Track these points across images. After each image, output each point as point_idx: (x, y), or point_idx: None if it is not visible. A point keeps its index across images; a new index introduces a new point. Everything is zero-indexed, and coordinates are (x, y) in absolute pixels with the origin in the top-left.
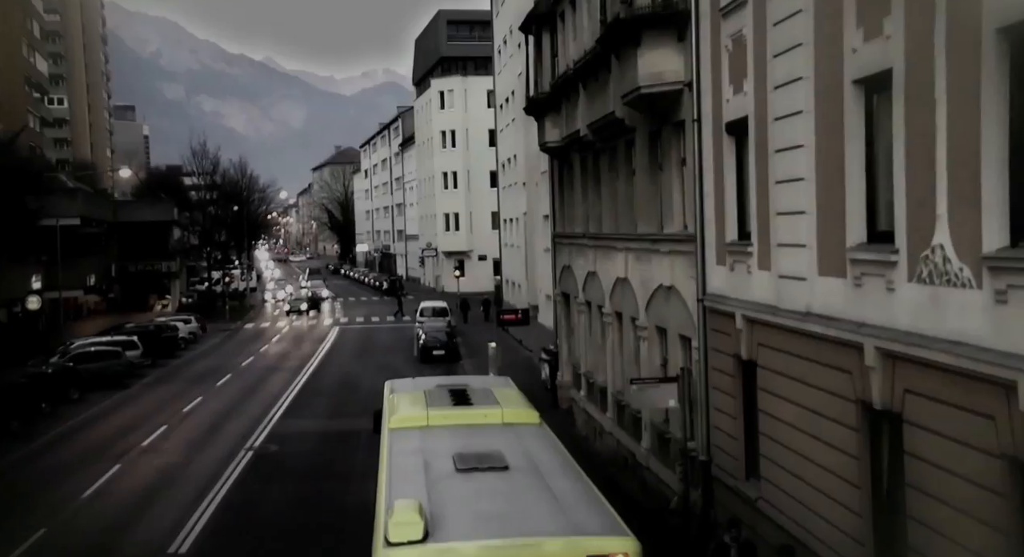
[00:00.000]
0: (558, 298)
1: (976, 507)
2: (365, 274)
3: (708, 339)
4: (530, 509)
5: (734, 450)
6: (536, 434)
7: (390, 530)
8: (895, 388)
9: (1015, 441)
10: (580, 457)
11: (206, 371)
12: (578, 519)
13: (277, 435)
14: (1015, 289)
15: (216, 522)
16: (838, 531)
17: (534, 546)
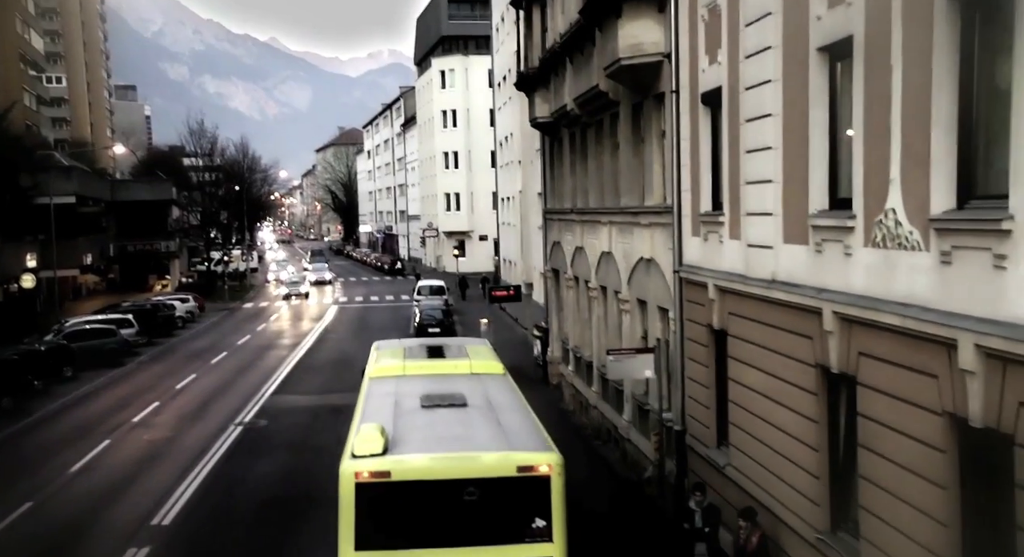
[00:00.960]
0: (548, 274)
1: (920, 464)
2: (367, 255)
3: (684, 310)
4: (477, 434)
5: (706, 419)
6: (498, 381)
7: (355, 445)
8: (850, 351)
9: (955, 399)
10: (566, 430)
11: (202, 349)
12: (515, 442)
13: (268, 410)
14: (959, 250)
15: (200, 495)
16: (797, 493)
17: (473, 459)
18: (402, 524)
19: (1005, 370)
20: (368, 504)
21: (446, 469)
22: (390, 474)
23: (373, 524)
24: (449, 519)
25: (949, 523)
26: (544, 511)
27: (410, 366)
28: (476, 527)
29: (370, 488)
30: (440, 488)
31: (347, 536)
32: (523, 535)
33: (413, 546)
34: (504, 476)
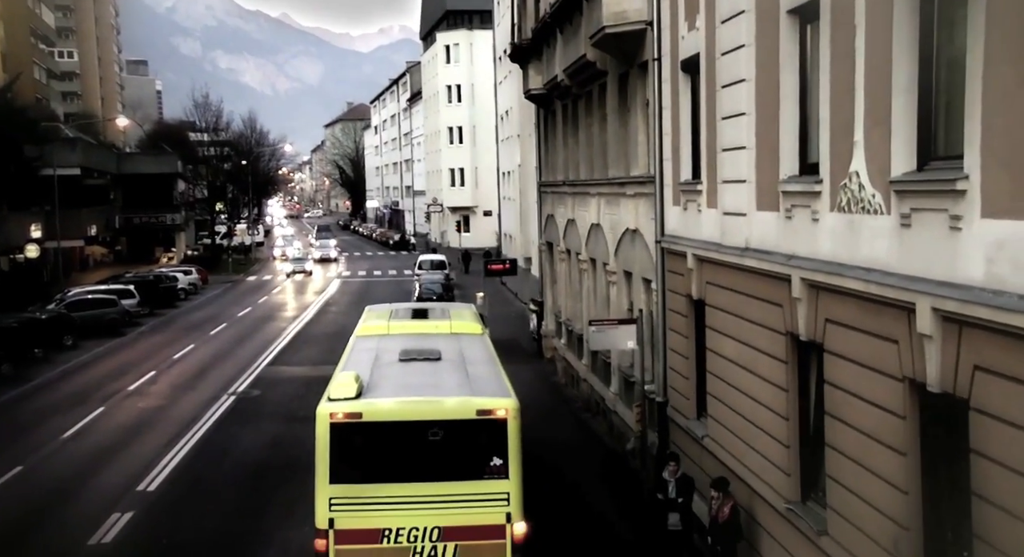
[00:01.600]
0: (543, 247)
1: (882, 431)
2: (373, 230)
3: (666, 280)
4: (445, 383)
5: (687, 390)
6: (475, 340)
7: (331, 390)
8: (818, 318)
9: (915, 364)
10: (558, 403)
11: (202, 320)
12: (478, 389)
13: (262, 380)
14: (918, 212)
15: (187, 462)
16: (769, 464)
17: (436, 402)
18: (373, 460)
19: (960, 333)
20: (342, 442)
21: (412, 412)
22: (361, 415)
23: (346, 460)
24: (415, 457)
25: (909, 490)
26: (501, 451)
27: (394, 326)
28: (440, 464)
29: (343, 428)
30: (407, 429)
31: (323, 471)
32: (482, 472)
33: (383, 480)
34: (465, 419)
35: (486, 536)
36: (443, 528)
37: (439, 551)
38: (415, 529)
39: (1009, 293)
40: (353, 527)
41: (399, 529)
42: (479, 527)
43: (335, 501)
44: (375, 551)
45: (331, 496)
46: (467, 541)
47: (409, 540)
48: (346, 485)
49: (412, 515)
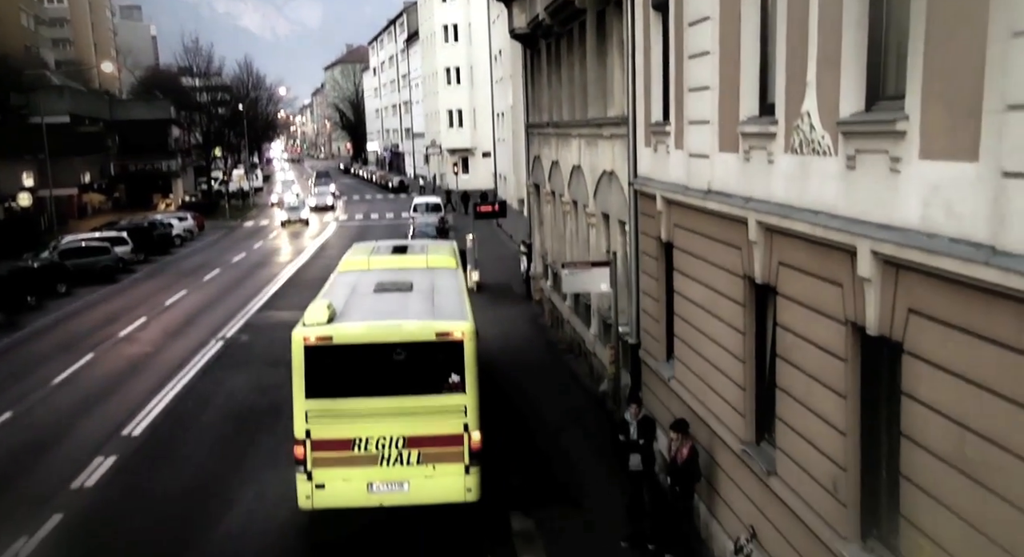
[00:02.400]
0: (531, 189)
1: (825, 374)
2: (372, 173)
3: (638, 223)
4: (411, 310)
5: (657, 332)
6: (447, 273)
7: (306, 316)
8: (772, 261)
9: (856, 307)
10: (542, 345)
11: (196, 266)
12: (440, 315)
13: (251, 326)
14: (863, 154)
15: (171, 407)
16: (728, 405)
17: (400, 326)
18: (343, 378)
19: (897, 277)
20: (315, 362)
21: (378, 334)
22: (332, 338)
23: (320, 378)
24: (382, 374)
25: (848, 431)
26: (459, 368)
27: (374, 261)
28: (404, 381)
29: (316, 350)
30: (373, 350)
31: (299, 387)
32: (441, 387)
33: (353, 395)
34: (425, 340)
35: (446, 444)
36: (407, 437)
37: (404, 457)
38: (382, 438)
39: (941, 236)
40: (327, 437)
41: (368, 438)
42: (440, 436)
43: (311, 414)
44: (347, 458)
45: (307, 409)
46: (429, 448)
47: (377, 447)
48: (320, 400)
49: (380, 425)
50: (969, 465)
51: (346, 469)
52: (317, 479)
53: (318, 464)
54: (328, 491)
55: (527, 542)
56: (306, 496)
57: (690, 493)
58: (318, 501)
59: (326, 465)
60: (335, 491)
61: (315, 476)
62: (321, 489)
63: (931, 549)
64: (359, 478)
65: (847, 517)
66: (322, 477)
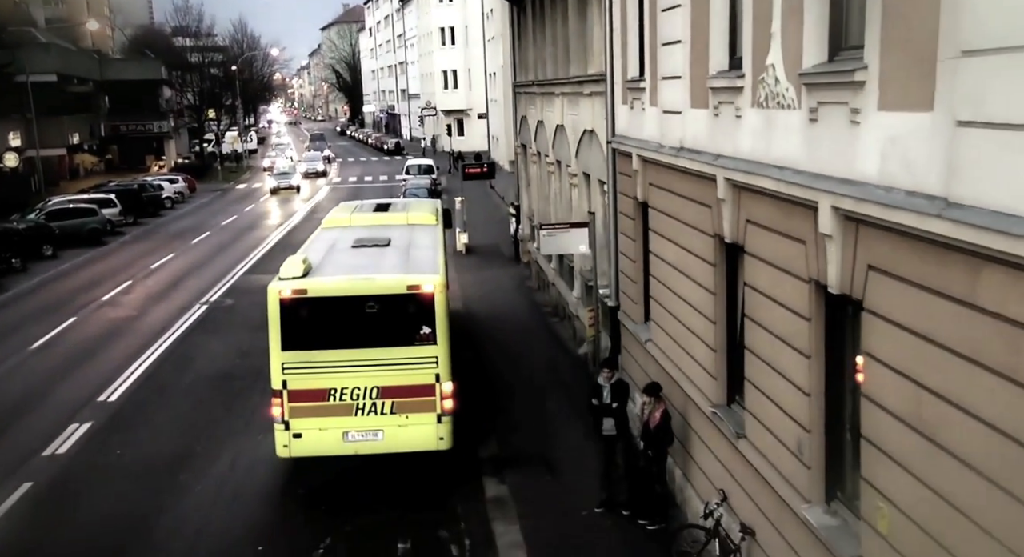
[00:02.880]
0: (518, 150)
1: (790, 333)
2: (368, 135)
3: (617, 182)
4: (386, 264)
5: (635, 294)
6: (427, 229)
7: (281, 270)
8: (739, 219)
9: (818, 265)
10: (528, 307)
11: (185, 229)
12: (413, 269)
13: (236, 290)
14: (824, 106)
15: (150, 372)
16: (700, 368)
17: (370, 279)
18: (318, 330)
19: (857, 233)
20: (290, 315)
21: (351, 287)
22: (307, 291)
23: (295, 330)
24: (355, 326)
25: (812, 392)
26: (430, 321)
27: (356, 219)
28: (377, 332)
29: (291, 303)
30: (347, 302)
31: (275, 340)
32: (413, 339)
33: (328, 347)
34: (396, 293)
35: (418, 394)
36: (381, 387)
37: (378, 407)
38: (357, 388)
39: (898, 189)
40: (303, 387)
41: (343, 388)
42: (412, 386)
43: (287, 365)
44: (323, 407)
45: (283, 361)
46: (402, 398)
47: (352, 397)
48: (296, 351)
49: (354, 376)
50: (925, 424)
51: (322, 419)
52: (294, 428)
53: (295, 414)
54: (305, 440)
55: (499, 508)
56: (283, 445)
57: (663, 457)
58: (295, 450)
59: (302, 415)
60: (311, 440)
61: (292, 426)
62: (298, 438)
63: (888, 511)
64: (334, 427)
65: (811, 480)
66: (299, 427)
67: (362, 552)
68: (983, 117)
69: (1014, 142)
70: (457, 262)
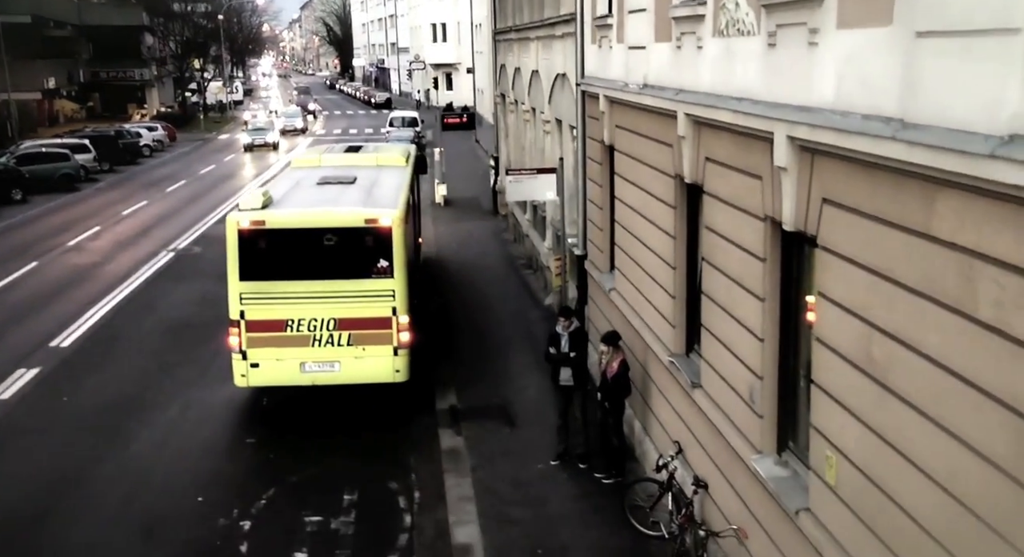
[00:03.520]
0: (497, 99)
1: (745, 276)
2: (357, 89)
3: (585, 126)
4: (347, 199)
5: (601, 242)
6: (395, 170)
7: (240, 202)
8: (699, 157)
9: (774, 201)
10: (503, 259)
11: (162, 178)
12: (373, 204)
13: (206, 238)
14: (783, 29)
15: (108, 319)
16: (660, 316)
17: (330, 212)
18: (276, 261)
19: (813, 164)
20: (248, 246)
21: (308, 220)
22: (265, 223)
23: (253, 261)
24: (313, 258)
25: (766, 337)
26: (387, 254)
27: (326, 158)
28: (335, 265)
29: (249, 233)
30: (304, 234)
31: (233, 270)
32: (371, 272)
33: (285, 278)
34: (354, 226)
35: (375, 326)
36: (338, 319)
37: (335, 338)
38: (314, 320)
39: (854, 113)
40: (261, 318)
41: (300, 319)
42: (369, 319)
43: (245, 296)
44: (280, 338)
45: (241, 292)
46: (359, 330)
47: (309, 329)
48: (253, 282)
49: (312, 308)
50: (875, 366)
51: (279, 349)
52: (252, 358)
53: (252, 344)
54: (262, 370)
55: (453, 460)
56: (241, 375)
57: (620, 409)
58: (253, 379)
59: (260, 345)
60: (269, 370)
61: (250, 355)
62: (256, 368)
63: (836, 460)
64: (292, 358)
65: (763, 429)
66: (256, 356)
67: (306, 503)
68: (943, 26)
69: (974, 49)
70: (435, 214)
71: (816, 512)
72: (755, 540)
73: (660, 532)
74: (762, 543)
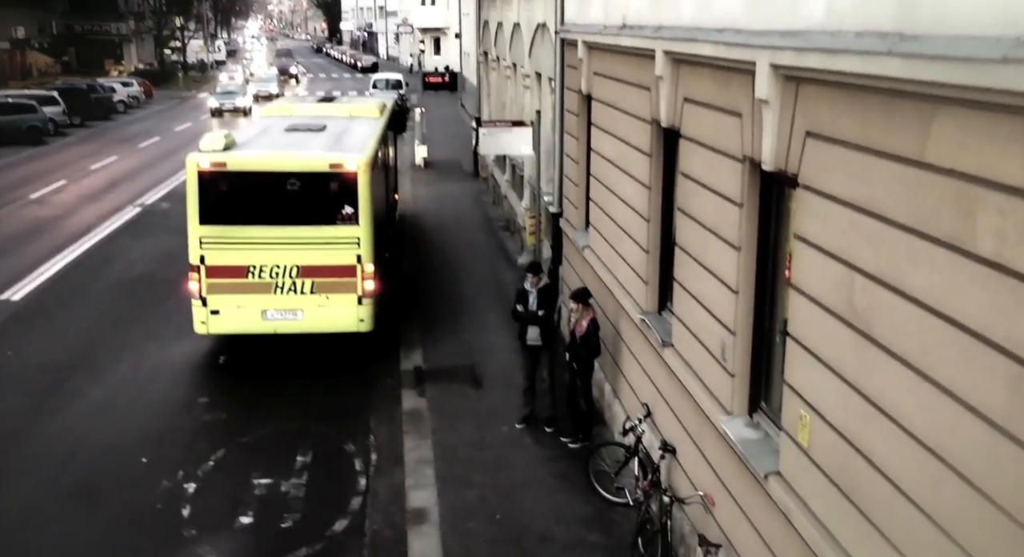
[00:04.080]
0: (480, 58)
1: (720, 224)
2: (343, 52)
3: (564, 77)
4: (313, 145)
5: (577, 198)
6: (368, 121)
7: (201, 144)
8: (677, 98)
9: (753, 139)
10: (481, 220)
11: (135, 134)
12: (339, 149)
13: (176, 194)
14: None
15: (65, 273)
16: (633, 272)
17: (294, 156)
18: (238, 205)
19: (797, 93)
20: (209, 188)
21: (271, 163)
22: (226, 164)
23: (214, 204)
24: (276, 203)
25: (740, 289)
26: (352, 201)
27: (298, 108)
28: (298, 210)
29: (210, 175)
30: (267, 178)
31: (193, 213)
32: (335, 218)
33: (247, 223)
34: (318, 171)
35: (339, 274)
36: (301, 266)
37: (298, 286)
38: (276, 266)
39: (846, 32)
40: (221, 263)
41: (262, 266)
42: (333, 266)
43: (205, 240)
44: (241, 285)
45: (201, 235)
46: (322, 278)
47: (271, 275)
48: (214, 226)
49: (274, 254)
50: (857, 315)
51: (240, 296)
52: (212, 305)
53: (212, 290)
54: (223, 317)
55: (414, 422)
56: (201, 322)
57: (589, 369)
58: (213, 327)
59: (220, 291)
60: (229, 317)
61: (210, 302)
62: (216, 315)
63: (810, 420)
64: (253, 305)
65: (734, 389)
66: (217, 303)
67: (256, 464)
68: None
69: None
70: (414, 175)
71: (787, 476)
72: (722, 507)
73: (625, 499)
74: (729, 510)
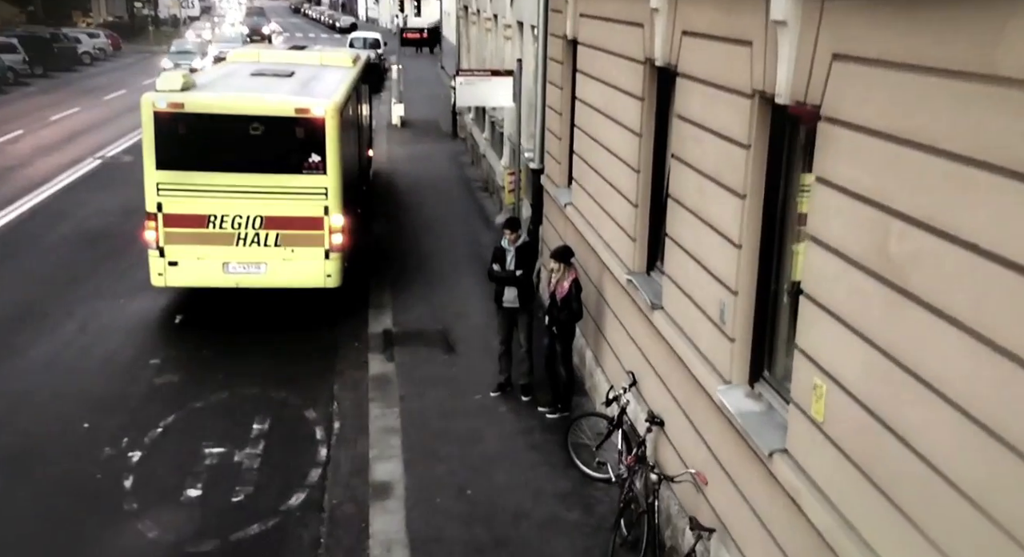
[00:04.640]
0: (460, 13)
1: (723, 170)
2: (321, 13)
3: (548, 22)
4: (279, 89)
5: (559, 153)
6: (340, 70)
7: (157, 83)
8: (674, 32)
9: (766, 70)
10: (459, 181)
11: (100, 86)
12: (307, 94)
13: (139, 147)
14: None
15: (15, 225)
16: (618, 228)
17: (258, 100)
18: (197, 150)
19: (822, 11)
20: (165, 131)
21: (232, 106)
22: (183, 106)
23: (171, 148)
24: (238, 149)
25: (744, 243)
26: (319, 148)
27: (266, 54)
28: (262, 158)
29: (166, 117)
30: (228, 121)
31: (149, 157)
32: (301, 167)
33: (207, 170)
34: (283, 115)
35: (305, 226)
36: (265, 217)
37: (262, 238)
38: (239, 216)
39: None
40: (180, 212)
41: (224, 215)
42: (299, 218)
43: (162, 186)
44: (201, 235)
45: (158, 181)
46: (288, 230)
47: (233, 226)
48: (172, 172)
49: (236, 203)
50: (891, 267)
51: (200, 247)
52: (170, 256)
53: (170, 240)
54: (181, 269)
55: (381, 388)
56: (158, 273)
57: (570, 334)
58: (171, 279)
59: (179, 242)
60: (189, 269)
61: (168, 253)
62: (174, 267)
63: (827, 390)
64: (214, 257)
65: (733, 355)
66: (175, 254)
67: (208, 432)
68: None
69: None
70: (390, 135)
71: (795, 454)
72: (716, 487)
73: (607, 474)
74: (724, 491)
